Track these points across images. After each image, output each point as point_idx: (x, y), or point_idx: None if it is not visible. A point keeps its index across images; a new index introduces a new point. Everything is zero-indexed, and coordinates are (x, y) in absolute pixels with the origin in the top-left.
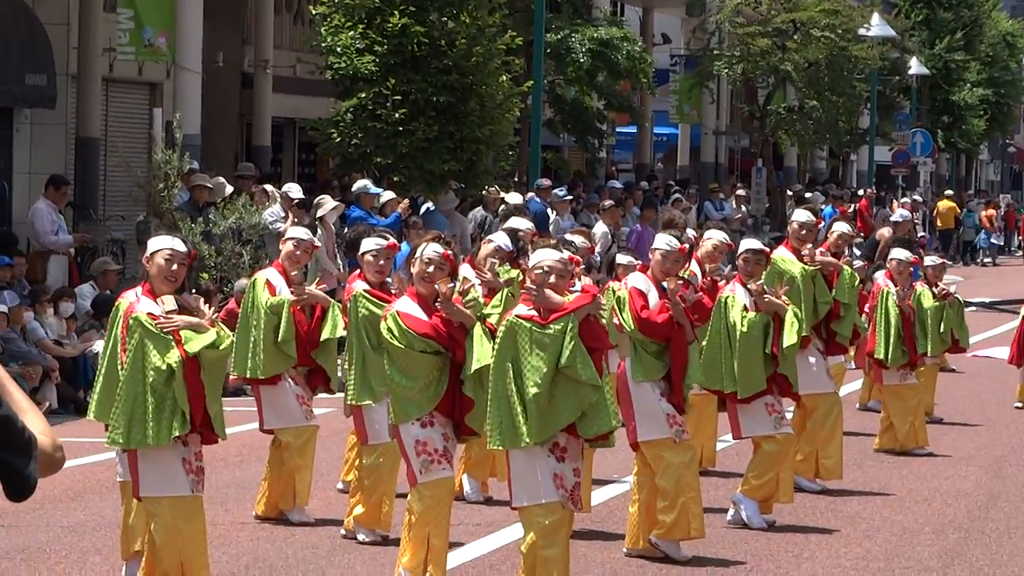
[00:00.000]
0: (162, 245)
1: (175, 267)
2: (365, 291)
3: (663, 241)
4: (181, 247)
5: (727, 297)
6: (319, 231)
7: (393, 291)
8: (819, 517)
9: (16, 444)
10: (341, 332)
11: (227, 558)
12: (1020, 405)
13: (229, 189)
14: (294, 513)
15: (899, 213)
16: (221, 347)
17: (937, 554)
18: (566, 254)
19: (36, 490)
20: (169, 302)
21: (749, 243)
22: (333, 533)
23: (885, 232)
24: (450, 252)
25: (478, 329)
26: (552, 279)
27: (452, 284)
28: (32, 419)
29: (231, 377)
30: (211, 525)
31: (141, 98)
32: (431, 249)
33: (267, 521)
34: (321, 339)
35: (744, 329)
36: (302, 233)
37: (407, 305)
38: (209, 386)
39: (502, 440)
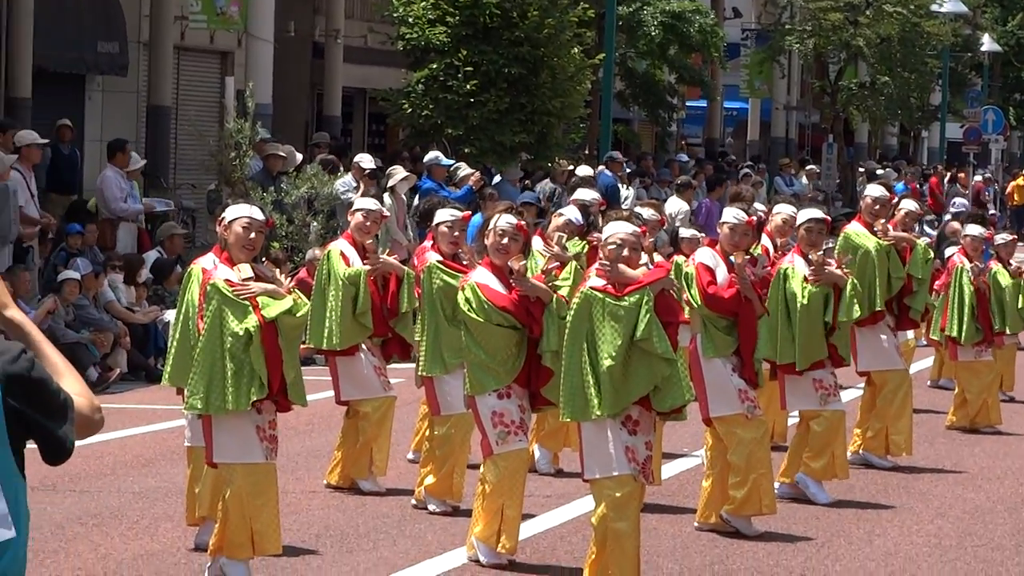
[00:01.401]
0: (240, 213)
1: (253, 235)
2: (439, 262)
3: (731, 215)
4: (259, 215)
5: (786, 268)
6: (389, 201)
7: (464, 262)
8: (890, 494)
9: (51, 407)
10: (415, 303)
11: (298, 526)
12: None
13: (299, 158)
14: (366, 483)
15: (958, 202)
16: (298, 314)
17: (1010, 533)
18: (638, 227)
19: (108, 455)
20: (245, 270)
21: (810, 212)
22: (404, 503)
23: (955, 225)
24: (523, 223)
25: (555, 303)
26: (625, 252)
27: (524, 261)
28: (69, 381)
29: (303, 347)
30: (282, 493)
31: (212, 67)
32: (504, 220)
33: (338, 490)
34: (401, 310)
35: (805, 301)
36: (371, 204)
37: (484, 277)
38: (287, 352)
39: (573, 413)
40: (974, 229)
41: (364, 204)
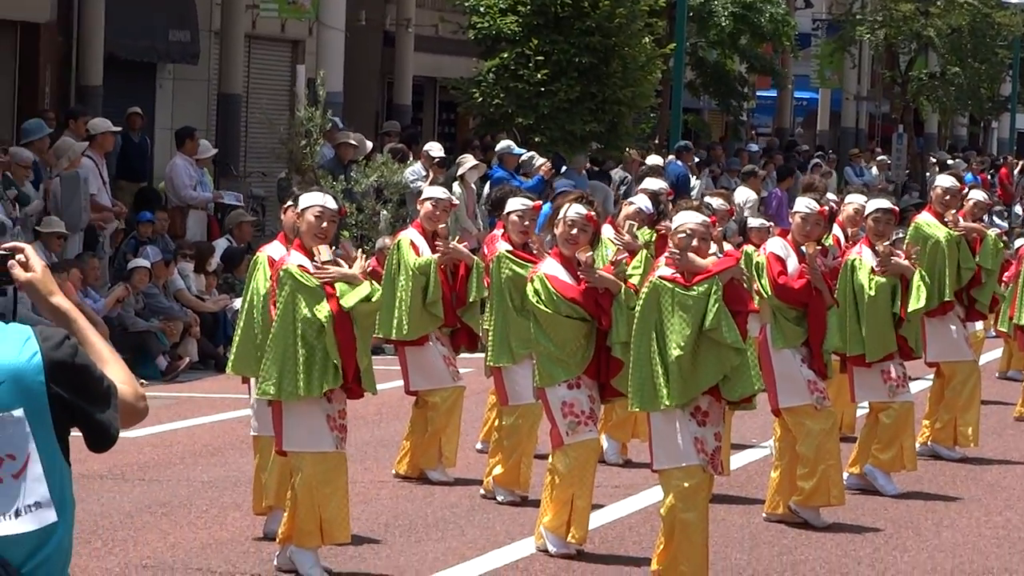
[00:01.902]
0: (313, 201)
1: (325, 224)
2: (509, 252)
3: (803, 204)
4: (332, 204)
5: (854, 259)
6: (459, 190)
7: (534, 251)
8: (959, 486)
9: (94, 394)
10: (484, 292)
11: (366, 516)
12: None
13: (369, 146)
14: (435, 472)
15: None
16: (373, 299)
17: None
18: (707, 216)
19: (177, 444)
20: (325, 252)
21: (878, 203)
22: (472, 493)
23: None
24: (593, 213)
25: (624, 293)
26: (695, 242)
27: (591, 252)
28: (114, 369)
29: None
30: (351, 483)
31: (283, 55)
32: (574, 211)
33: (407, 480)
34: (469, 299)
35: (872, 293)
36: (440, 192)
37: (553, 268)
38: (361, 340)
39: (643, 403)
40: None
41: (433, 193)
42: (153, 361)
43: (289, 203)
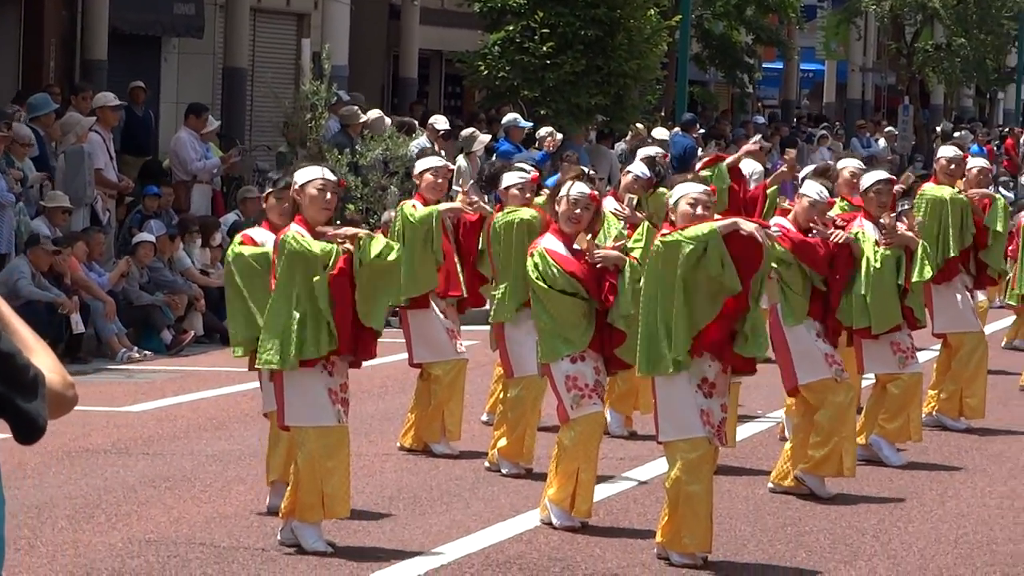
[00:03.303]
0: (313, 175)
1: (328, 195)
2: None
3: (814, 190)
4: (331, 176)
5: (856, 232)
6: (464, 163)
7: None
8: (963, 456)
9: (20, 382)
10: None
11: (371, 489)
12: None
13: (375, 114)
14: (439, 445)
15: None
16: (391, 257)
17: None
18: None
19: (181, 418)
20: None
21: (876, 175)
22: (477, 465)
23: None
24: (596, 192)
25: (629, 267)
26: (699, 210)
27: (588, 236)
28: (41, 357)
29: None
30: (356, 456)
31: (288, 28)
32: (577, 189)
33: (412, 453)
34: (479, 246)
35: (877, 265)
36: (435, 161)
37: (553, 243)
38: (375, 301)
39: (649, 365)
40: None
41: (428, 163)
42: (158, 335)
43: (269, 189)
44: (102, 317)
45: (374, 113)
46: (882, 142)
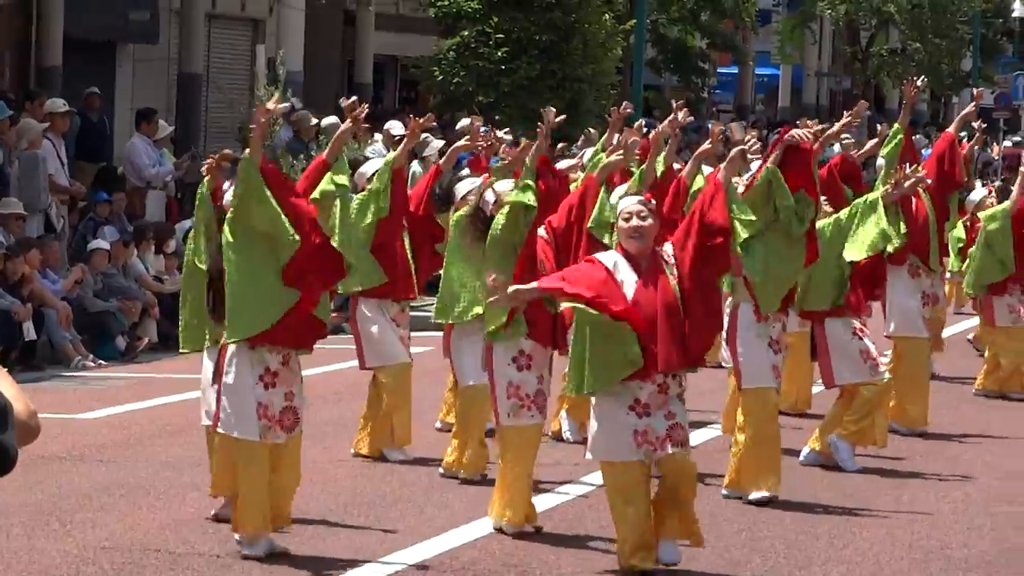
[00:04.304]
0: None
1: None
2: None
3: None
4: None
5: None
6: (419, 169)
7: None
8: (918, 461)
9: None
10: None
11: (326, 495)
12: None
13: (326, 121)
14: (392, 452)
15: (978, 192)
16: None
17: None
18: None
19: (136, 426)
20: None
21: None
22: (431, 472)
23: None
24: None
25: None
26: (634, 222)
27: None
28: (4, 384)
29: (332, 315)
30: (310, 463)
31: (244, 34)
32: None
33: (366, 459)
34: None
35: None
36: (377, 164)
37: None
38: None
39: (574, 386)
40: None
41: (372, 167)
42: (112, 341)
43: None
44: (56, 324)
45: (329, 119)
46: (837, 147)
